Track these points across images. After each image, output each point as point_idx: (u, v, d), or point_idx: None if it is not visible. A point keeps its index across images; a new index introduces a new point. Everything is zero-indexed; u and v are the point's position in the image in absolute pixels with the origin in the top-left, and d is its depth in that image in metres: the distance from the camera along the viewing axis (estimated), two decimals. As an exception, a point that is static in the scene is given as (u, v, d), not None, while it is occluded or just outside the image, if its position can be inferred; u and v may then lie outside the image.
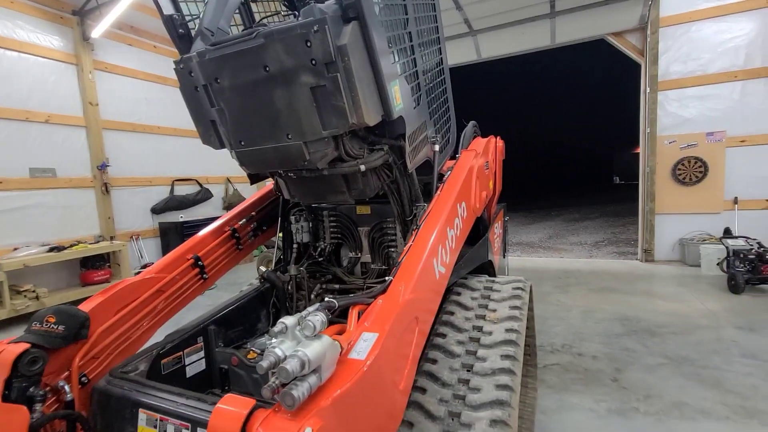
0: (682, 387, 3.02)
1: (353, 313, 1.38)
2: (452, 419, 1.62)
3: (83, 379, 1.67)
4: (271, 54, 1.61)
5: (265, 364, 0.94)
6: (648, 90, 6.63)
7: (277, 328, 1.00)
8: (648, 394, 2.95)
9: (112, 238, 6.93)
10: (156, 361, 1.89)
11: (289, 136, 1.77)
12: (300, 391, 0.90)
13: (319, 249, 2.93)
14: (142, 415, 1.49)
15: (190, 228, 7.71)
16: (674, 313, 4.53)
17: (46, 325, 1.58)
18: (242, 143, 1.90)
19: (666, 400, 2.87)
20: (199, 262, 2.30)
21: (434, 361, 1.91)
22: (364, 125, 1.75)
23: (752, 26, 6.09)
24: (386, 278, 1.62)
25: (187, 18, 2.04)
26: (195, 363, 2.12)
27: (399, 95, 1.95)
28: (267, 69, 1.63)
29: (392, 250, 2.73)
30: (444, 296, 2.21)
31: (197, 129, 2.07)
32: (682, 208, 6.68)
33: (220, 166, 9.35)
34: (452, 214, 2.07)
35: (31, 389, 1.45)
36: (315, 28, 1.51)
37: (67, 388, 1.57)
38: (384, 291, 1.49)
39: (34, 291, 5.52)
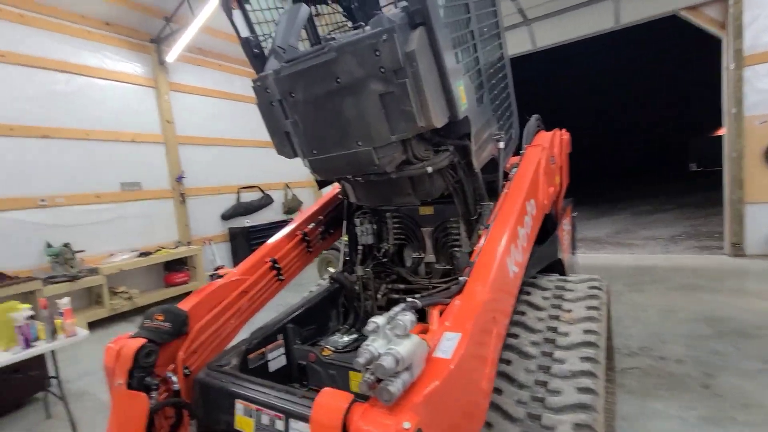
0: (789, 396, 2.70)
1: (434, 313, 1.41)
2: (532, 421, 1.59)
3: (185, 371, 1.87)
4: (342, 66, 1.69)
5: (362, 360, 1.00)
6: (732, 66, 5.97)
7: (370, 327, 1.06)
8: (746, 403, 2.68)
9: (189, 243, 7.57)
10: (244, 357, 2.06)
11: (359, 143, 1.85)
12: (396, 386, 0.95)
13: (383, 250, 3.00)
14: (239, 405, 1.64)
15: (255, 232, 8.22)
16: (773, 313, 4.05)
17: (156, 322, 1.79)
18: (315, 152, 2.01)
19: (767, 409, 2.59)
20: (276, 265, 2.47)
21: (508, 362, 1.88)
22: (431, 128, 1.79)
23: None
24: (458, 278, 1.64)
25: (260, 38, 2.20)
26: (277, 359, 2.27)
27: (464, 94, 1.95)
28: (338, 80, 1.72)
29: (456, 249, 2.73)
30: None
31: (272, 140, 2.22)
32: (778, 196, 5.94)
33: (279, 173, 9.87)
34: (522, 212, 2.03)
35: (147, 379, 1.65)
36: (384, 38, 1.56)
37: (174, 378, 1.77)
38: (460, 291, 1.51)
39: (127, 292, 6.19)
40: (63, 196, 6.00)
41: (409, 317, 1.06)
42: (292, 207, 9.96)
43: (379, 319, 1.08)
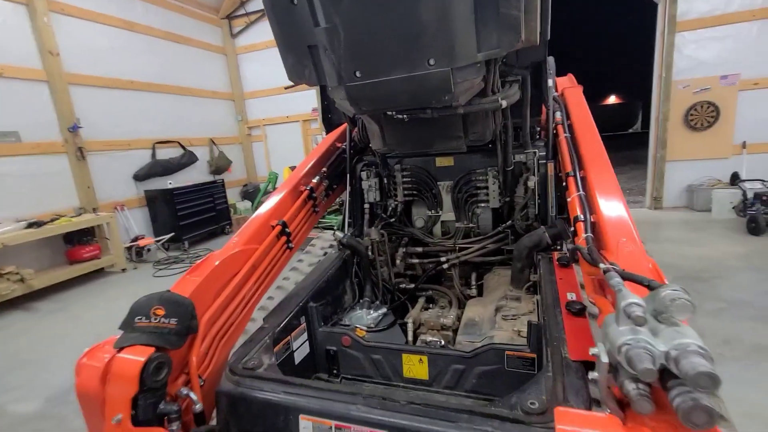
0: (755, 329, 3.03)
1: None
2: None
3: (200, 381, 1.32)
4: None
5: (648, 365, 0.63)
6: (666, 31, 6.40)
7: (635, 311, 0.69)
8: (726, 339, 2.94)
9: (94, 210, 6.19)
10: (273, 352, 1.55)
11: (432, 61, 1.36)
12: (713, 402, 0.61)
13: (391, 208, 2.59)
14: (305, 422, 1.18)
15: (181, 194, 7.05)
16: (707, 257, 4.59)
17: (155, 319, 1.20)
18: (358, 74, 1.45)
19: (747, 343, 2.87)
20: (286, 229, 1.92)
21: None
22: (533, 44, 1.39)
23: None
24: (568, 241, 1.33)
25: None
26: (301, 347, 1.79)
27: (549, 10, 1.57)
28: None
29: (482, 206, 2.43)
30: None
31: (285, 59, 1.60)
32: (692, 155, 6.73)
33: (203, 126, 8.54)
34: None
35: (161, 405, 1.10)
36: None
37: (193, 396, 1.22)
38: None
39: (17, 273, 4.86)
40: None
41: (686, 296, 0.71)
42: (220, 166, 8.75)
43: (639, 299, 0.72)
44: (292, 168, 7.24)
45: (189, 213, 7.13)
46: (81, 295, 5.18)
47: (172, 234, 6.79)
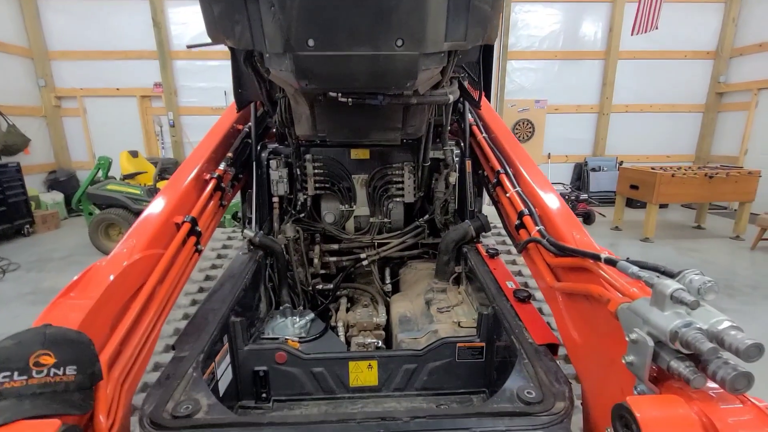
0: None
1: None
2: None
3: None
4: None
5: (709, 344, 0.70)
6: (501, 57, 7.68)
7: (685, 297, 0.75)
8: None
9: None
10: (207, 384, 1.19)
11: (400, 43, 1.27)
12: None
13: (300, 202, 2.36)
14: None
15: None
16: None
17: (41, 372, 0.77)
18: (311, 43, 1.25)
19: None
20: (196, 227, 1.52)
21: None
22: (491, 43, 1.44)
23: (567, 17, 7.71)
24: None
25: None
26: (225, 372, 1.45)
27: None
28: None
29: (397, 201, 2.44)
30: None
31: (207, 8, 1.28)
32: (516, 161, 8.28)
33: (-20, 87, 6.21)
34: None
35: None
36: None
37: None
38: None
39: None
40: None
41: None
42: (12, 145, 6.52)
43: (672, 282, 0.79)
44: (133, 153, 5.97)
45: (-40, 208, 5.08)
46: None
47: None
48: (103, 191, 5.14)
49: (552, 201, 1.52)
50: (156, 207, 1.46)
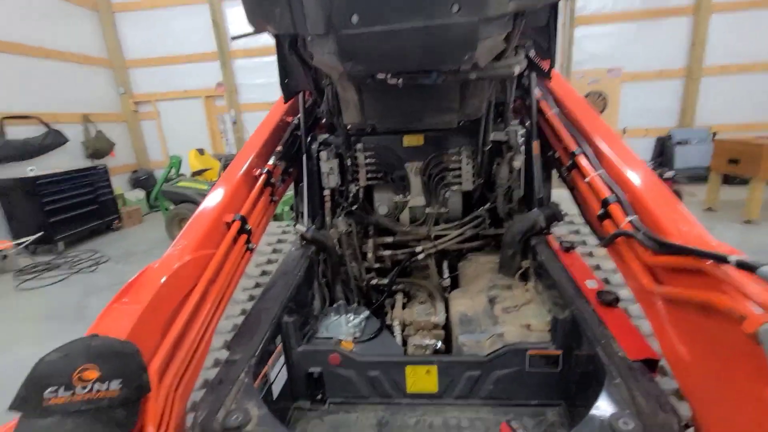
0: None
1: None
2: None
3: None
4: None
5: None
6: (567, 25, 6.97)
7: None
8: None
9: None
10: (258, 392, 1.15)
11: (456, 8, 1.07)
12: None
13: (352, 195, 2.26)
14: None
15: (47, 185, 5.61)
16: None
17: (84, 388, 0.74)
18: (355, 19, 1.10)
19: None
20: (246, 225, 1.48)
21: None
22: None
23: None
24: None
25: None
26: (279, 375, 1.41)
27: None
28: None
29: (454, 189, 2.25)
30: None
31: None
32: (586, 139, 7.55)
33: (73, 99, 6.93)
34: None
35: None
36: None
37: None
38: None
39: None
40: None
41: None
42: (99, 149, 7.23)
43: None
44: (200, 151, 6.32)
45: (61, 207, 5.74)
46: None
47: (41, 234, 5.38)
48: (175, 188, 5.51)
49: (647, 184, 1.26)
50: (207, 206, 1.44)
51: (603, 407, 0.95)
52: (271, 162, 1.79)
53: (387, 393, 1.49)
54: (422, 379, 1.47)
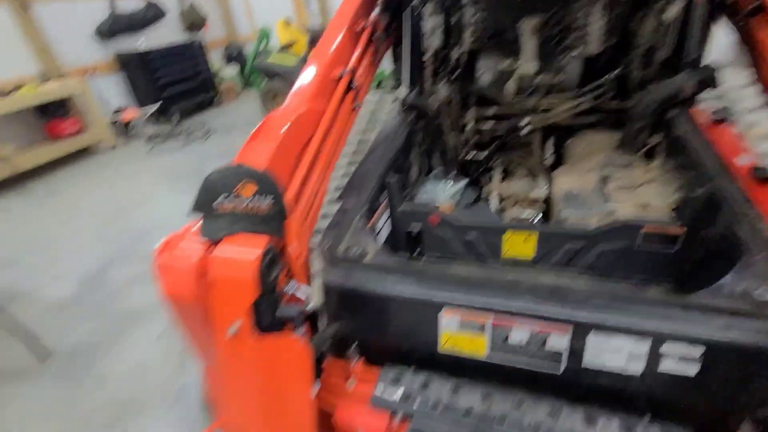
0: None
1: None
2: None
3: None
4: None
5: None
6: None
7: None
8: None
9: (61, 77, 5.29)
10: (368, 234, 1.27)
11: None
12: None
13: (455, 59, 2.07)
14: (449, 318, 0.97)
15: (157, 59, 6.03)
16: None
17: (247, 200, 0.85)
18: None
19: None
20: (353, 84, 1.46)
21: None
22: None
23: None
24: None
25: None
26: (384, 226, 1.53)
27: None
28: None
29: (575, 53, 1.93)
30: None
31: None
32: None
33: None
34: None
35: (286, 308, 0.84)
36: None
37: (302, 294, 0.96)
38: None
39: (-5, 150, 4.31)
40: None
41: None
42: (194, 22, 7.39)
43: None
44: (287, 21, 6.15)
45: (170, 81, 6.23)
46: (73, 178, 4.73)
47: (160, 103, 5.98)
48: (267, 63, 5.58)
49: None
50: (314, 63, 1.42)
51: (736, 278, 0.88)
52: (374, 14, 1.66)
53: (481, 256, 1.55)
54: (519, 245, 1.48)
